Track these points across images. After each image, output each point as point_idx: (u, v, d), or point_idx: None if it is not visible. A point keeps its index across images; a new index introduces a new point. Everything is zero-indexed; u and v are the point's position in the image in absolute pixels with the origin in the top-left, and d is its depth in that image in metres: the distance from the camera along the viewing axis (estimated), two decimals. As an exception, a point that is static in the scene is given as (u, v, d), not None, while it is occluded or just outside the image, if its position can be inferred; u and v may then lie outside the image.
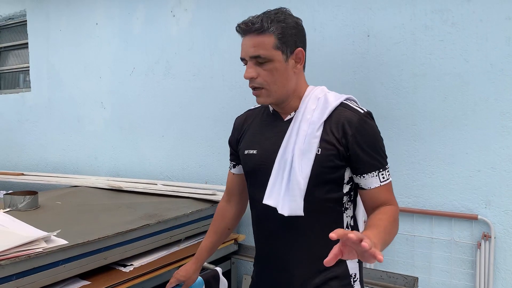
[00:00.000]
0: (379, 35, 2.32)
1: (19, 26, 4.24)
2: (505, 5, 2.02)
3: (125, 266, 1.83)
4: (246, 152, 1.32)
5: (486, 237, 2.09)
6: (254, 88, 1.21)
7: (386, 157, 1.20)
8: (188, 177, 3.08)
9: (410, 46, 2.24)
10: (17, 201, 2.16)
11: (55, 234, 1.65)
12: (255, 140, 1.31)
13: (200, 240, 2.24)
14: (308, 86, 1.28)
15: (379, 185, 1.17)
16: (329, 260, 0.88)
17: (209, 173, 2.99)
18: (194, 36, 2.99)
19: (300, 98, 1.25)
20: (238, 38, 1.23)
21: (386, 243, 1.05)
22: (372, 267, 2.22)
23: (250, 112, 1.42)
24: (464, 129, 2.14)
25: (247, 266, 2.77)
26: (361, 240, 0.84)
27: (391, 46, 2.29)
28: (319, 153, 1.16)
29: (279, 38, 1.16)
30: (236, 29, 1.21)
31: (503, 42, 2.04)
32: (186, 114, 3.07)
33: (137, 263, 1.87)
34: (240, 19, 1.21)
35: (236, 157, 1.43)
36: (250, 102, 2.75)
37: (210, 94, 2.95)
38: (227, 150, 1.51)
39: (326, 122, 1.18)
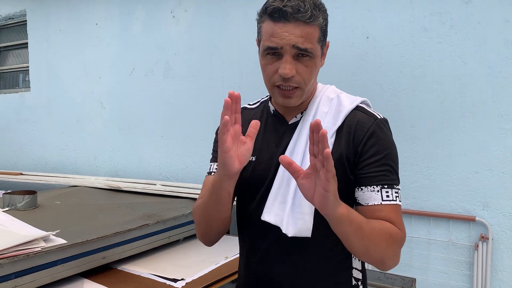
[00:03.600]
0: (378, 37, 2.33)
1: (19, 26, 4.24)
2: (503, 7, 2.03)
3: (175, 281, 1.75)
4: None
5: (484, 238, 2.10)
6: (287, 88, 0.98)
7: (397, 177, 1.00)
8: (187, 178, 3.09)
9: (409, 48, 2.25)
10: (16, 201, 2.16)
11: (54, 233, 1.65)
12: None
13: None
14: (317, 83, 1.10)
15: (379, 203, 0.95)
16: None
17: (208, 173, 2.99)
18: (193, 37, 3.00)
19: (308, 97, 1.07)
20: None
21: (358, 229, 0.87)
22: (370, 268, 2.23)
23: (246, 111, 1.19)
24: (462, 131, 2.15)
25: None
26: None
27: (390, 48, 2.30)
28: None
29: (322, 31, 0.97)
30: (270, 10, 0.93)
31: (501, 45, 2.05)
32: (186, 115, 3.08)
33: (188, 278, 1.77)
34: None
35: None
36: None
37: (209, 94, 2.96)
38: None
39: None
